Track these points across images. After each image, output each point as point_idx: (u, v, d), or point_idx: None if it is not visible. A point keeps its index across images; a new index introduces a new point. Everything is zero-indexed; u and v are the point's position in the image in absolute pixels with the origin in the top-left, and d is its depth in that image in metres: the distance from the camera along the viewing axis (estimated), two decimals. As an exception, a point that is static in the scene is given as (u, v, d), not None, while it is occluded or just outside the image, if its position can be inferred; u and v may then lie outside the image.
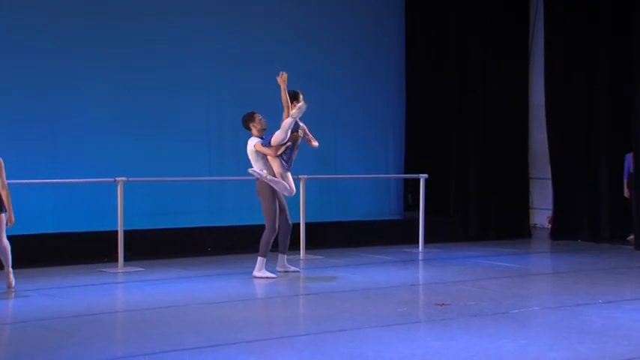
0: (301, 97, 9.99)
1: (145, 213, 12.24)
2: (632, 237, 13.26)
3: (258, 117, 10.08)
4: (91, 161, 12.00)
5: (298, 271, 10.49)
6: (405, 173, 14.74)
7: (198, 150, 13.03)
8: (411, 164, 14.69)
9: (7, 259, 9.01)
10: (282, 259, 10.40)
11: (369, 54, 14.61)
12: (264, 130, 10.03)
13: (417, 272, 11.24)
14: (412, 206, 14.34)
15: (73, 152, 12.03)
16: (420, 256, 12.40)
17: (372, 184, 14.62)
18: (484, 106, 14.75)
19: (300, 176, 11.85)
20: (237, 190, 13.11)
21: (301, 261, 11.62)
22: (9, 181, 9.03)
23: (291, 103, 9.86)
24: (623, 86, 13.59)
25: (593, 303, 8.51)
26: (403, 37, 14.88)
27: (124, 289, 9.82)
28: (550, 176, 14.62)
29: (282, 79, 9.82)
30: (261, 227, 10.15)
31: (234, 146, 13.17)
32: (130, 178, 11.06)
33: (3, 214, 8.88)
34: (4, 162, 9.01)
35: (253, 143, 9.95)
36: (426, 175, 13.01)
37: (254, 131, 10.04)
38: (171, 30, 12.88)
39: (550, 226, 14.81)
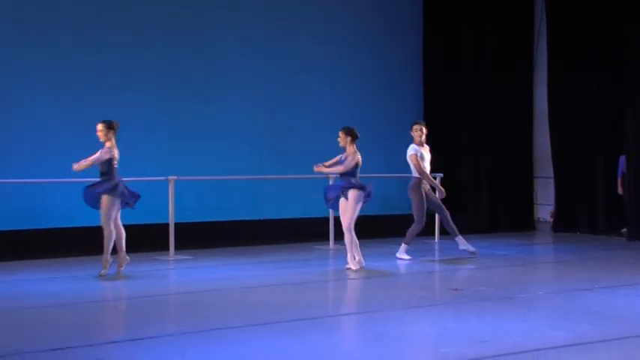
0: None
1: (194, 208, 12.30)
2: (625, 230, 13.17)
3: (416, 127, 10.46)
4: (145, 161, 12.04)
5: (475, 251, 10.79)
6: (421, 172, 14.62)
7: (241, 150, 13.06)
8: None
9: None
10: (460, 240, 10.76)
11: (389, 61, 14.49)
12: (420, 141, 10.46)
13: (434, 261, 11.20)
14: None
15: (131, 153, 12.07)
16: (436, 247, 12.37)
17: (392, 182, 14.55)
18: (493, 112, 14.67)
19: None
20: (276, 187, 13.14)
21: (330, 251, 11.62)
22: (75, 179, 9.06)
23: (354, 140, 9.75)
24: (620, 94, 13.49)
25: (592, 288, 8.46)
26: (420, 45, 14.76)
27: (174, 275, 9.89)
28: (552, 175, 14.59)
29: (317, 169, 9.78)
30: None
31: (273, 147, 13.21)
32: (180, 177, 11.14)
33: None
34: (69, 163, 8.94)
35: (410, 152, 10.47)
36: (441, 174, 12.97)
37: (415, 139, 10.51)
38: (218, 38, 12.95)
39: (552, 220, 14.74)
